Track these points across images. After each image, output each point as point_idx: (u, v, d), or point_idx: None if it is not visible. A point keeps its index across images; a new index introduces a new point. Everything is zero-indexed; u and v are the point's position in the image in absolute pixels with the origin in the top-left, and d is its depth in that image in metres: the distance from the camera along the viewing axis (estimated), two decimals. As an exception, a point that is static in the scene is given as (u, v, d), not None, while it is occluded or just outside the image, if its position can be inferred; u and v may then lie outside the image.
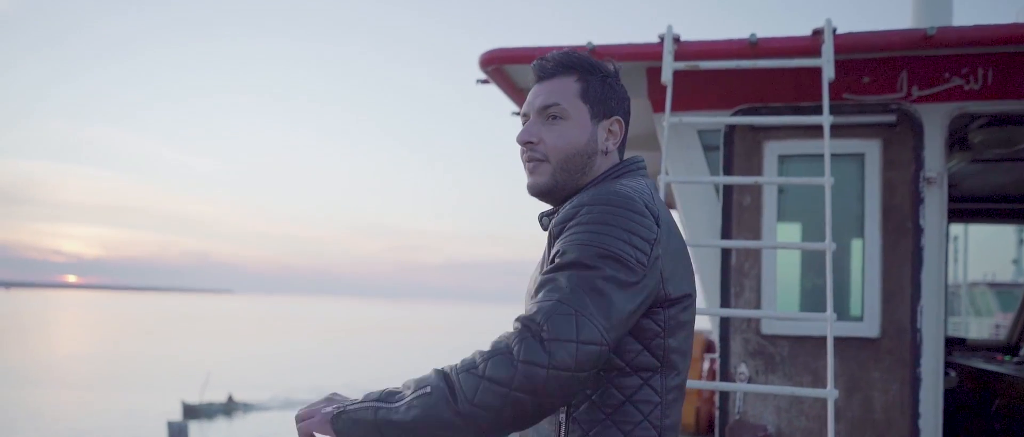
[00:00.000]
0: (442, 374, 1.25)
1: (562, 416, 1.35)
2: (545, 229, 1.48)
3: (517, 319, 1.27)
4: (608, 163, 1.52)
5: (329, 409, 1.29)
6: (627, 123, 1.55)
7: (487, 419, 1.20)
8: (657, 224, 1.33)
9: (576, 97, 1.49)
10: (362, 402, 1.28)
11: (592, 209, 1.32)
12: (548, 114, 1.48)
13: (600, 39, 4.14)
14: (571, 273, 1.25)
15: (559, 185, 1.48)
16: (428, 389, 1.23)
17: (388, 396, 1.27)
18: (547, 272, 1.30)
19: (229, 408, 27.79)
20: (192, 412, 26.68)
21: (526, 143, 1.49)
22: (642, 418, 1.33)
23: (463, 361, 1.26)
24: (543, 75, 1.52)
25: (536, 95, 1.51)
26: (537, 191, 1.50)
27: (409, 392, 1.25)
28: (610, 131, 1.51)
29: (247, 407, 28.10)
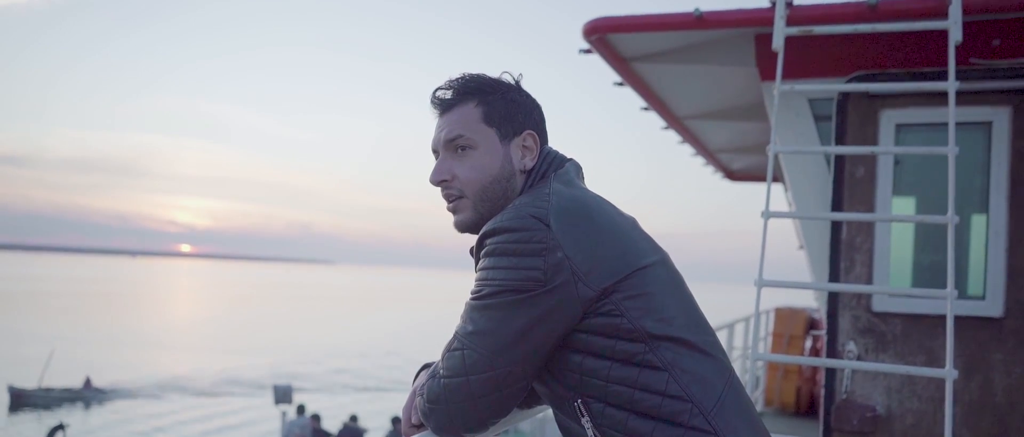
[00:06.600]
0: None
1: (589, 430, 1.32)
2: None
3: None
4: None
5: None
6: (541, 131, 1.50)
7: None
8: (548, 226, 1.27)
9: (480, 122, 1.44)
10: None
11: (484, 246, 1.33)
12: (455, 146, 1.45)
13: (707, 5, 4.04)
14: (464, 310, 1.34)
15: (483, 217, 1.43)
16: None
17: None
18: None
19: (83, 395, 22.66)
20: (22, 399, 21.60)
21: (439, 183, 1.46)
22: (660, 396, 1.27)
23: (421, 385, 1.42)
24: (442, 108, 1.48)
25: (440, 129, 1.47)
26: (464, 229, 1.46)
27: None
28: (524, 147, 1.47)
29: (102, 394, 23.12)
